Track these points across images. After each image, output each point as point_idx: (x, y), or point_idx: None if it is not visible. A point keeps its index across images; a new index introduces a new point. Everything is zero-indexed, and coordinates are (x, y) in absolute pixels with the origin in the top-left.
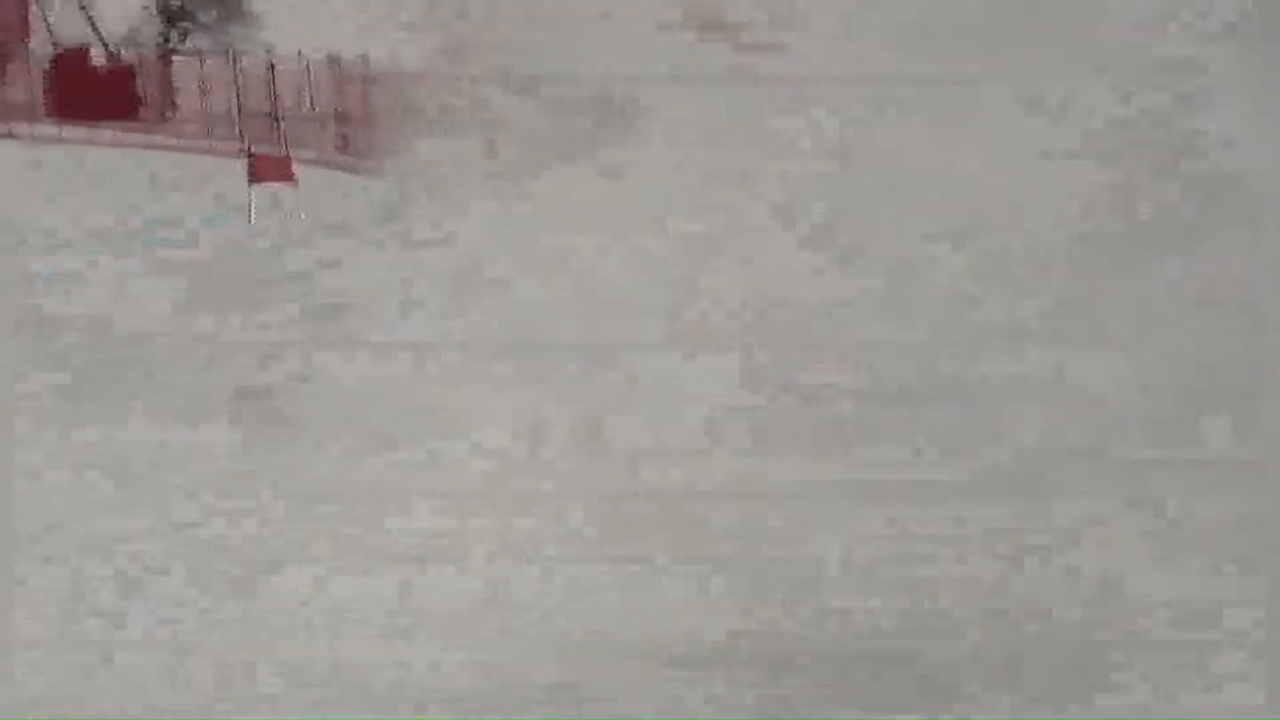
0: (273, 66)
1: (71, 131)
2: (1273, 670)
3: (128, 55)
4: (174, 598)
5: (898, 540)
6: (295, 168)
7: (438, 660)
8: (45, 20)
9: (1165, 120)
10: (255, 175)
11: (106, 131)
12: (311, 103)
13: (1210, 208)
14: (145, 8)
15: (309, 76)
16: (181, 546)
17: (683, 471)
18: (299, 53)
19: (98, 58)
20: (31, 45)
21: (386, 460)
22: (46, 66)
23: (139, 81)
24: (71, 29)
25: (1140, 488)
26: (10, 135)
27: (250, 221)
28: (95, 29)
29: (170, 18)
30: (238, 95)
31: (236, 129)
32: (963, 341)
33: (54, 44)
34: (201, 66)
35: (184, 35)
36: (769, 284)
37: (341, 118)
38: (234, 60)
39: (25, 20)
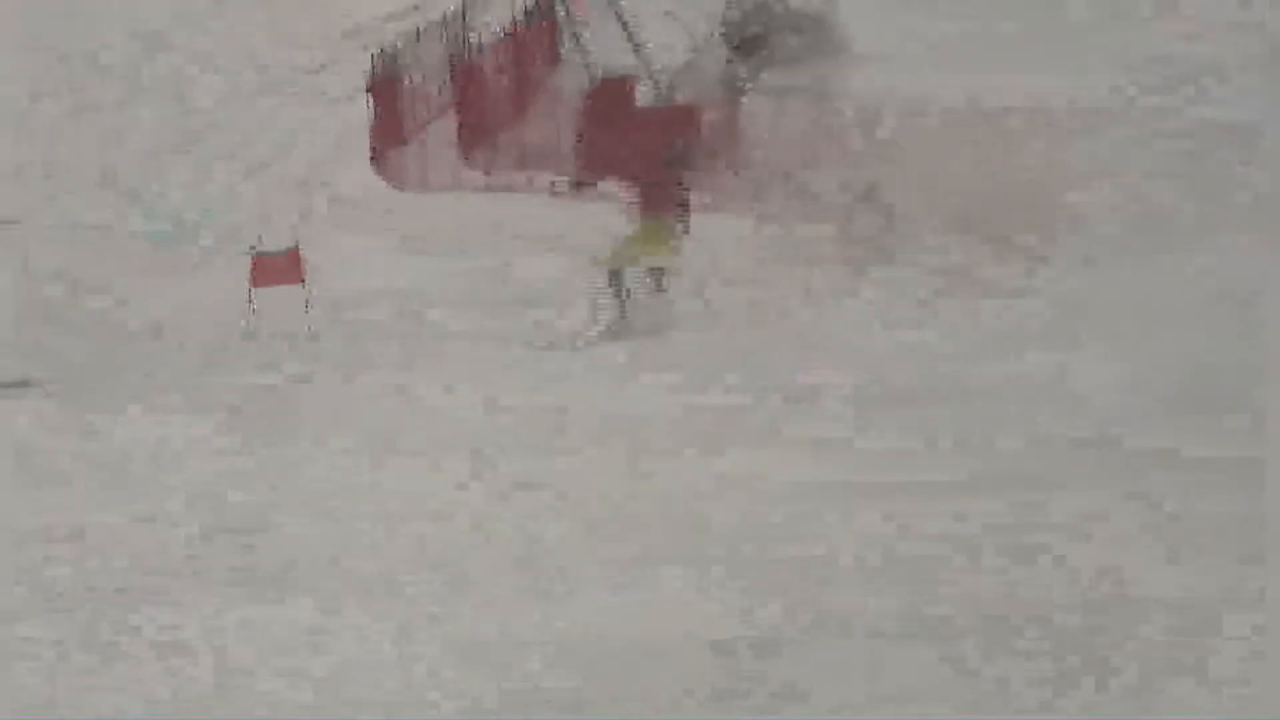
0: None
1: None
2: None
3: (684, 93)
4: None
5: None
6: None
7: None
8: (578, 46)
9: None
10: None
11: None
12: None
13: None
14: (711, 35)
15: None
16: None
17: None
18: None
19: (643, 94)
20: (559, 78)
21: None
22: (578, 104)
23: (698, 125)
24: (611, 57)
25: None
26: (531, 187)
27: None
28: (641, 57)
29: (741, 47)
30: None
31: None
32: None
33: (589, 76)
34: (780, 111)
35: (757, 70)
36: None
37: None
38: (825, 106)
39: (553, 46)
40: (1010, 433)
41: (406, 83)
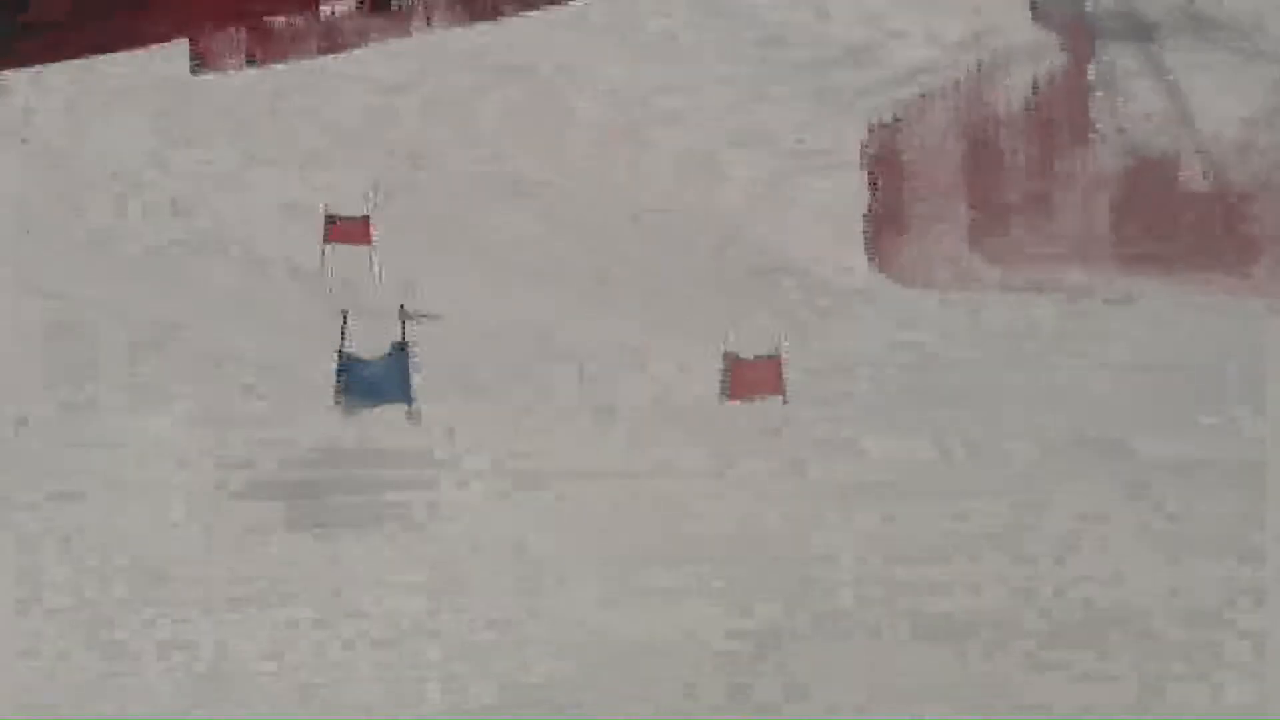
0: None
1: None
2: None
3: (1240, 175)
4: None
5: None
6: None
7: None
8: (1113, 116)
9: None
10: None
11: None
12: None
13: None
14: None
15: None
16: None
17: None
18: None
19: (1189, 177)
20: (1090, 156)
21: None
22: (1113, 188)
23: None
24: (1152, 129)
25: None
26: (1058, 286)
27: None
28: (1189, 130)
29: None
30: None
31: None
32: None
33: (1127, 153)
34: None
35: None
36: None
37: None
38: None
39: (1083, 117)
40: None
41: (909, 159)
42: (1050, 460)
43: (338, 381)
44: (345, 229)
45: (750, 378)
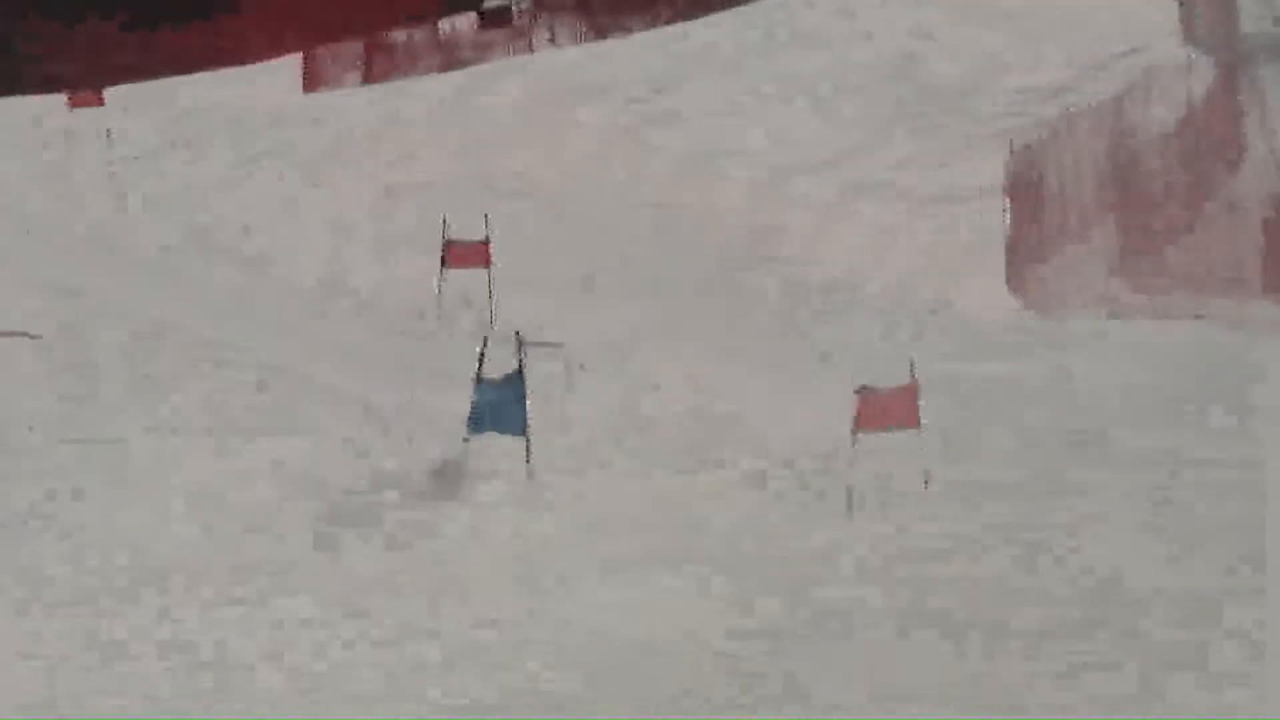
0: None
1: None
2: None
3: None
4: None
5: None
6: None
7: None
8: (1269, 138)
9: None
10: None
11: None
12: None
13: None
14: None
15: None
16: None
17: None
18: None
19: None
20: (1243, 179)
21: None
22: (1268, 212)
23: None
24: None
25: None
26: (1204, 314)
27: None
28: None
29: None
30: None
31: None
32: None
33: None
34: None
35: None
36: None
37: None
38: None
39: (1237, 137)
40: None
41: (1051, 183)
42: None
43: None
44: (463, 252)
45: (883, 408)
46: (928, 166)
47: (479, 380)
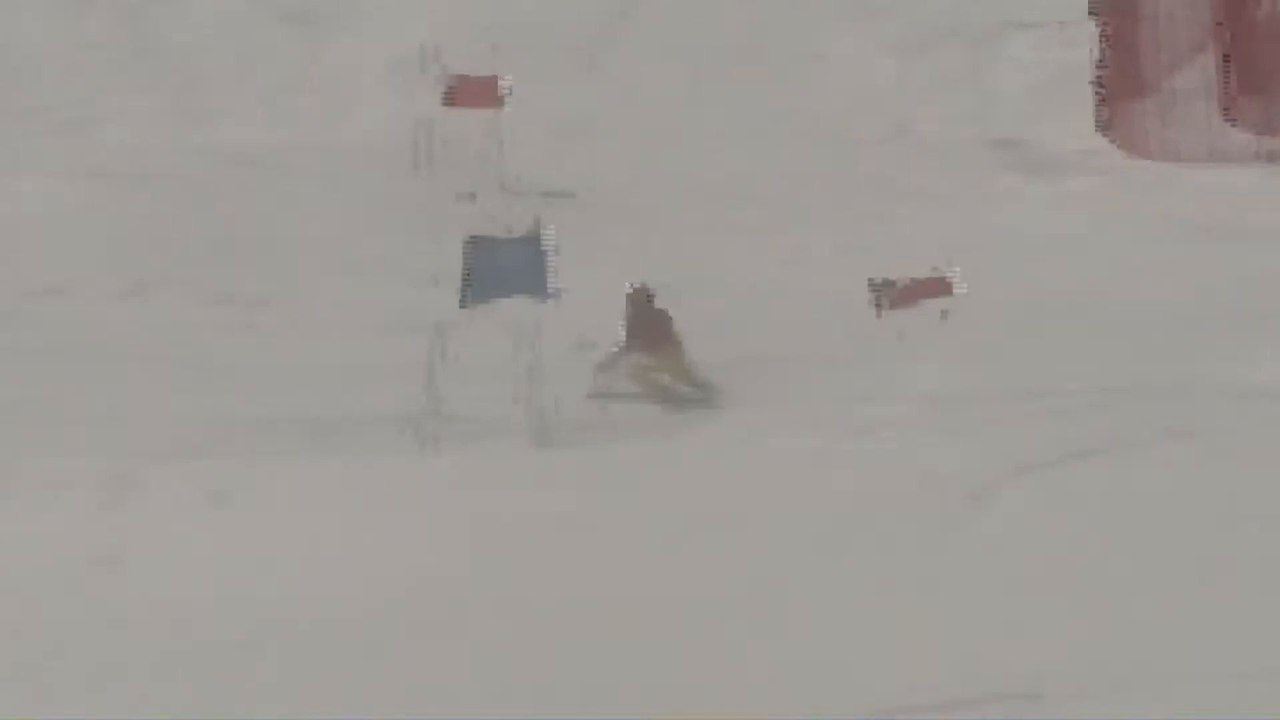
0: None
1: None
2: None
3: None
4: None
5: None
6: None
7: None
8: None
9: None
10: None
11: None
12: None
13: None
14: None
15: None
16: None
17: None
18: None
19: None
20: None
21: None
22: None
23: None
24: None
25: None
26: None
27: None
28: None
29: None
30: None
31: None
32: None
33: None
34: None
35: None
36: None
37: None
38: None
39: None
40: None
41: (1151, 8)
42: None
43: (466, 270)
44: (470, 89)
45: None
46: None
47: (475, 241)
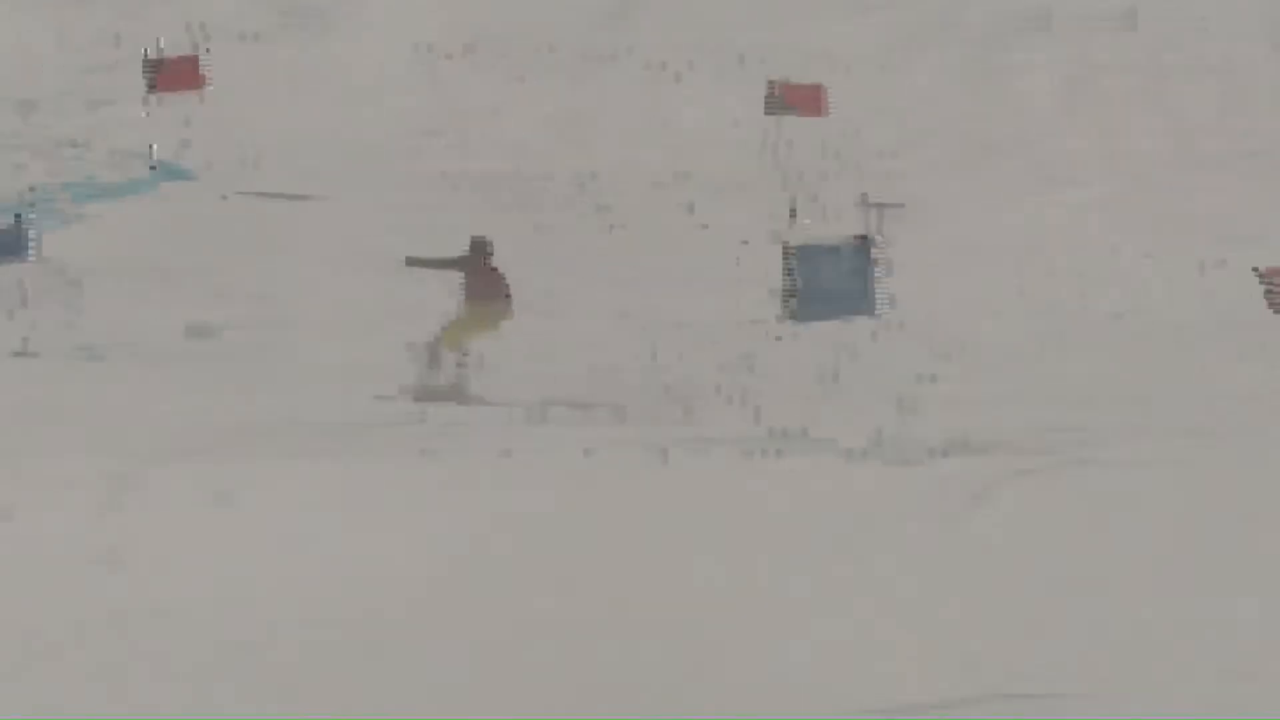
0: None
1: None
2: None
3: None
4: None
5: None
6: None
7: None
8: None
9: None
10: None
11: None
12: None
13: None
14: None
15: None
16: None
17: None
18: None
19: None
20: None
21: None
22: None
23: None
24: None
25: None
26: None
27: None
28: None
29: None
30: None
31: None
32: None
33: None
34: None
35: None
36: None
37: None
38: None
39: None
40: None
41: None
42: None
43: (787, 285)
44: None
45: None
46: None
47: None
